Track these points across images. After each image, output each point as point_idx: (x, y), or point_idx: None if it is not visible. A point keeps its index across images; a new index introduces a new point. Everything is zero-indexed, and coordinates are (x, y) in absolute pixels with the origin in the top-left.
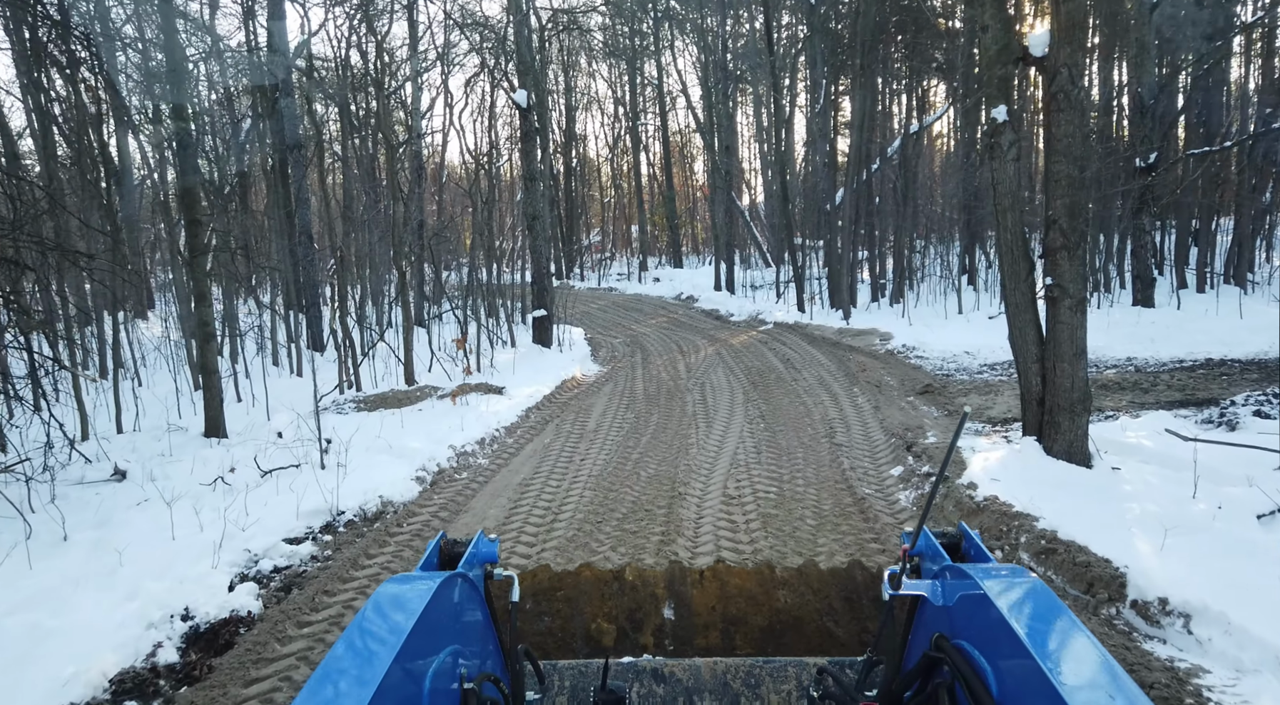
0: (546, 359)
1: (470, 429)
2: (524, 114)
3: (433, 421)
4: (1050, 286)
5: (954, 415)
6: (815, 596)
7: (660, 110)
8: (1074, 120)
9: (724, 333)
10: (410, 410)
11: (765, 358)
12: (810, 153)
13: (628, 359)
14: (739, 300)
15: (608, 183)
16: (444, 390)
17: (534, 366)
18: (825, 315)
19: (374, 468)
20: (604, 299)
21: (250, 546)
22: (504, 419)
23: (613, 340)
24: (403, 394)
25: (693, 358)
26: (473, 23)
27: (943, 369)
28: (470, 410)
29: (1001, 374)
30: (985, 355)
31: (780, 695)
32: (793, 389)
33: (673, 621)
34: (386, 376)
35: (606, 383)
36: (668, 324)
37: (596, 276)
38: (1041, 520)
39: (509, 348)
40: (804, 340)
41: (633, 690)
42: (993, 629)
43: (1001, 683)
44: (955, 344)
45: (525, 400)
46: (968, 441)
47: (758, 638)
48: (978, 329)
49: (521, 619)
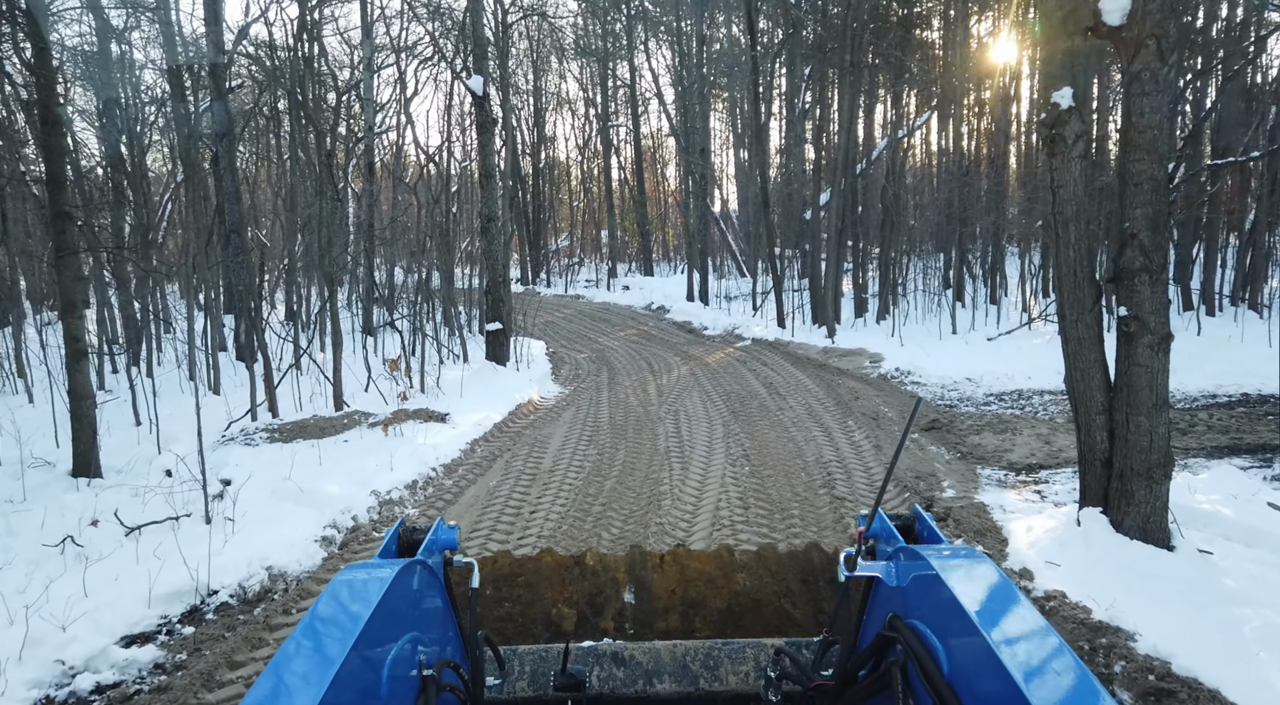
0: (501, 378)
1: (402, 467)
2: (479, 102)
3: (358, 457)
4: (1125, 319)
5: (968, 459)
6: (773, 579)
7: (633, 112)
8: (1160, 107)
9: (698, 349)
10: (333, 442)
11: (745, 380)
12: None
13: (592, 379)
14: (713, 312)
15: (577, 186)
16: (377, 417)
17: (486, 387)
18: (807, 332)
19: (273, 522)
20: (570, 307)
21: (68, 654)
22: (444, 454)
23: (577, 356)
24: (327, 422)
25: (665, 379)
26: (425, 3)
27: (944, 398)
28: (405, 443)
29: (1012, 406)
30: (989, 383)
31: (738, 676)
32: (779, 420)
33: (633, 605)
34: (316, 397)
35: (568, 408)
36: (637, 338)
37: (564, 283)
38: (1139, 639)
39: (460, 363)
40: (786, 360)
41: (593, 674)
42: (944, 609)
43: (953, 660)
44: (954, 369)
45: (472, 430)
46: (994, 498)
47: (717, 620)
48: (977, 352)
49: (481, 605)
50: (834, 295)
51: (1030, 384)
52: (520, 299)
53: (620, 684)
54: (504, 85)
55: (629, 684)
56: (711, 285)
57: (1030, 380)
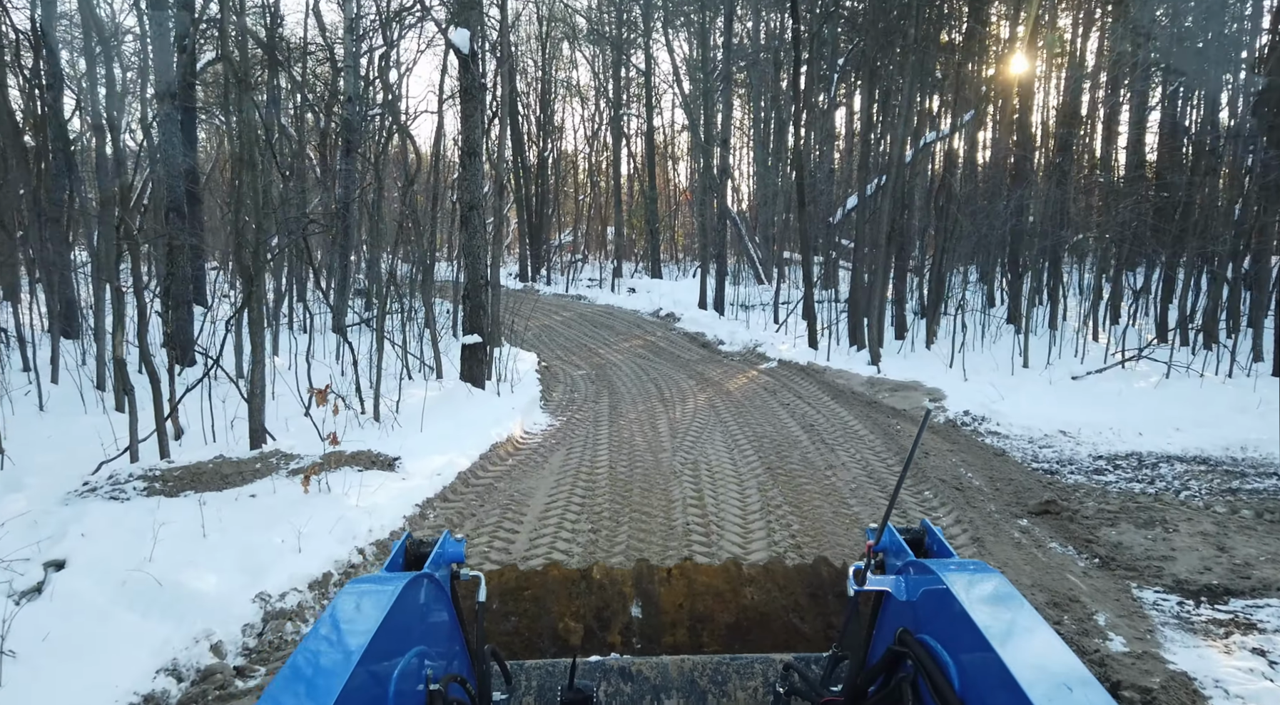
0: (476, 405)
1: (315, 547)
2: (464, 63)
3: (261, 526)
4: None
5: (1114, 571)
6: (782, 593)
7: (646, 101)
8: None
9: (715, 370)
10: (234, 497)
11: (778, 419)
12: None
13: (590, 406)
14: (729, 324)
15: (584, 179)
16: (304, 460)
17: (456, 417)
18: (845, 356)
19: (90, 651)
20: (570, 309)
21: None
22: (382, 522)
23: (573, 372)
24: (234, 466)
25: (678, 411)
26: None
27: (1040, 461)
28: (331, 503)
29: (1135, 477)
30: (1091, 439)
31: (747, 691)
32: (831, 485)
33: (640, 620)
34: (242, 423)
35: (556, 449)
36: (644, 351)
37: (565, 281)
38: None
39: (432, 380)
40: (824, 392)
41: (600, 689)
42: (955, 623)
43: (964, 676)
44: (1041, 417)
45: (426, 483)
46: (1193, 660)
47: (725, 635)
48: (1063, 395)
49: (488, 619)
50: (880, 313)
51: (1146, 444)
52: (517, 298)
53: (628, 699)
54: (505, 53)
55: (637, 699)
56: (726, 292)
57: (1142, 438)
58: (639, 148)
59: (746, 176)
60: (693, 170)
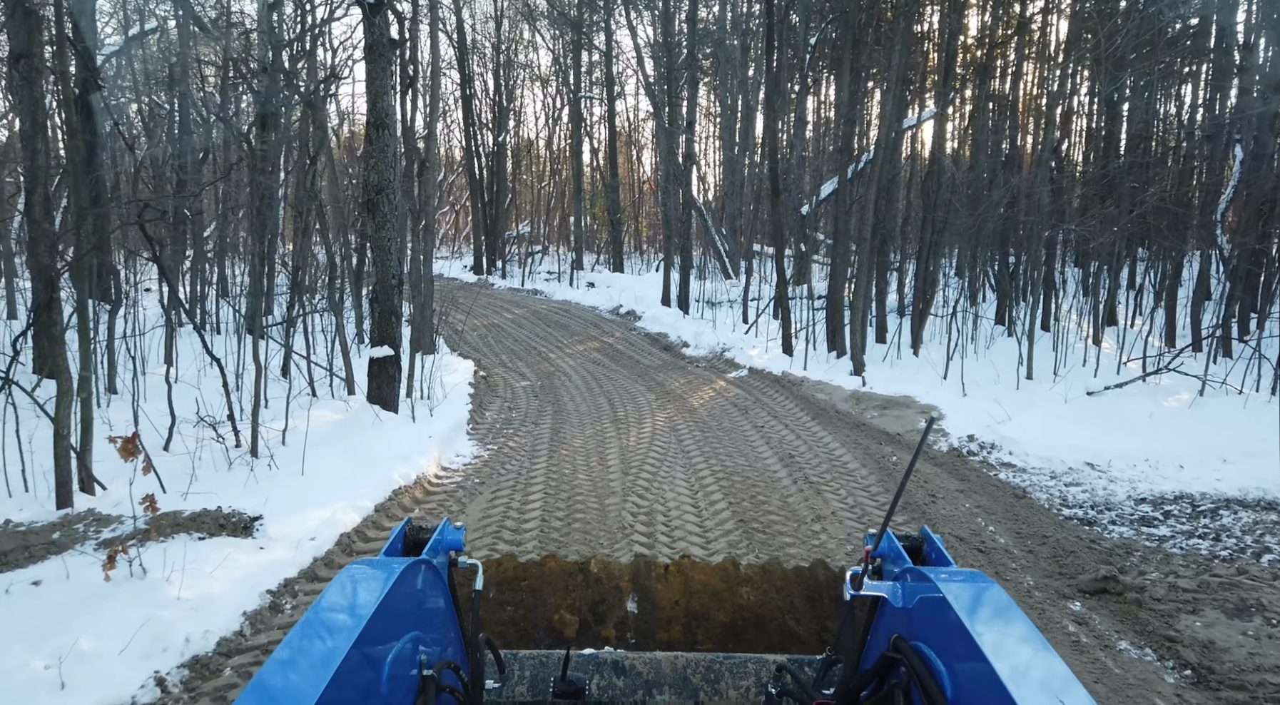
0: (383, 434)
1: (88, 677)
2: (366, 12)
3: (20, 642)
4: None
5: (1212, 689)
6: (778, 594)
7: (607, 82)
8: None
9: (678, 379)
10: (8, 585)
11: (752, 448)
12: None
13: (528, 430)
14: (694, 323)
15: (544, 168)
16: (125, 524)
17: (353, 451)
18: (824, 365)
19: None
20: (524, 306)
21: None
22: (209, 628)
23: (516, 383)
24: (17, 538)
25: (633, 435)
26: None
27: (1071, 505)
28: (141, 594)
29: (1194, 529)
30: (1126, 474)
31: (739, 691)
32: (822, 547)
33: (635, 615)
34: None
35: (476, 495)
36: (600, 355)
37: (521, 275)
38: None
39: (342, 399)
40: (803, 409)
41: (592, 682)
42: (950, 632)
43: (956, 685)
44: (1061, 444)
45: (289, 555)
46: None
47: (719, 633)
48: (1082, 415)
49: (484, 608)
50: (863, 317)
51: (1193, 481)
52: (468, 293)
53: (620, 693)
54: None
55: (628, 693)
56: (692, 287)
57: (1185, 472)
58: (602, 134)
59: (713, 166)
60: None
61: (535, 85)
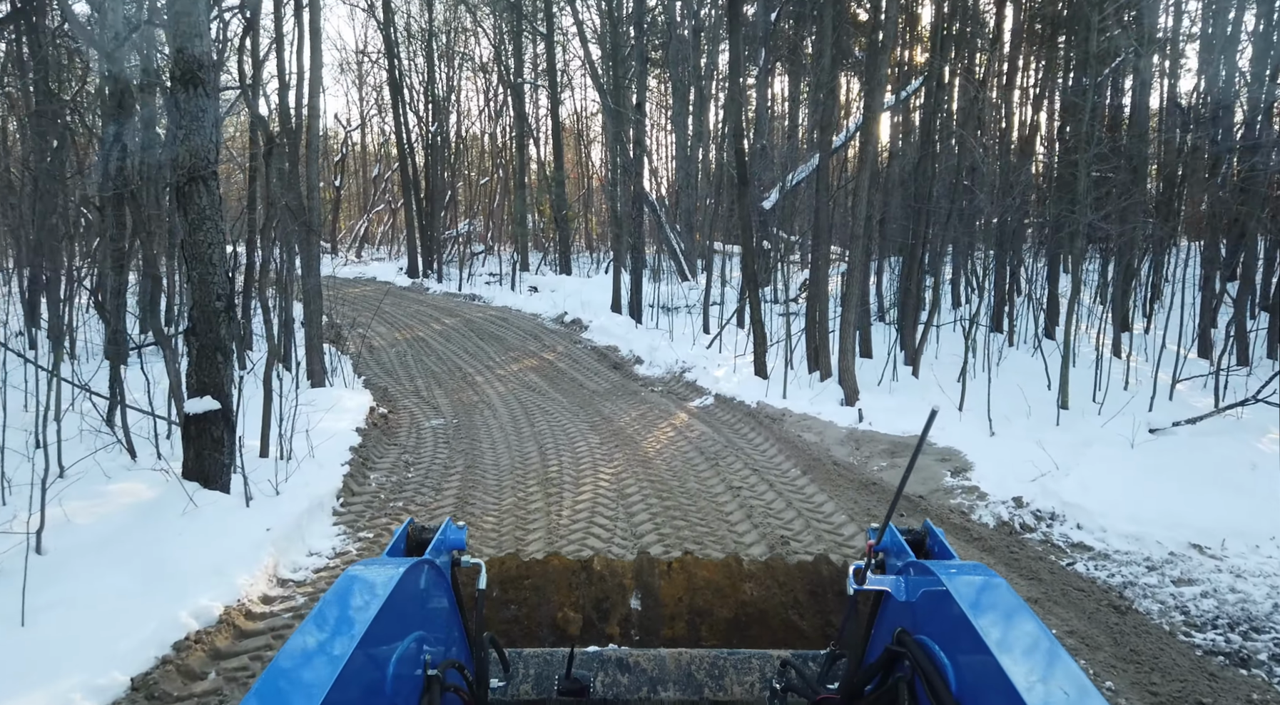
0: (196, 527)
1: None
2: None
3: None
4: None
5: None
6: (781, 589)
7: (550, 65)
8: None
9: (630, 411)
10: None
11: (727, 522)
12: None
13: (426, 498)
14: (649, 334)
15: (488, 163)
16: None
17: (142, 559)
18: (808, 391)
19: None
20: (457, 314)
21: None
22: None
23: (425, 422)
24: None
25: (567, 505)
26: None
27: (1198, 622)
28: None
29: None
30: (1255, 563)
31: (744, 686)
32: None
33: (639, 612)
34: None
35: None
36: (537, 377)
37: (460, 278)
38: None
39: (170, 458)
40: (789, 457)
41: (597, 679)
42: (954, 625)
43: (961, 678)
44: (1144, 512)
45: None
46: None
47: (723, 629)
48: (1153, 464)
49: (488, 607)
50: (854, 333)
51: None
52: (398, 300)
53: (625, 690)
54: None
55: (633, 690)
56: (645, 291)
57: None
58: (548, 126)
59: (665, 160)
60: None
61: (478, 76)
